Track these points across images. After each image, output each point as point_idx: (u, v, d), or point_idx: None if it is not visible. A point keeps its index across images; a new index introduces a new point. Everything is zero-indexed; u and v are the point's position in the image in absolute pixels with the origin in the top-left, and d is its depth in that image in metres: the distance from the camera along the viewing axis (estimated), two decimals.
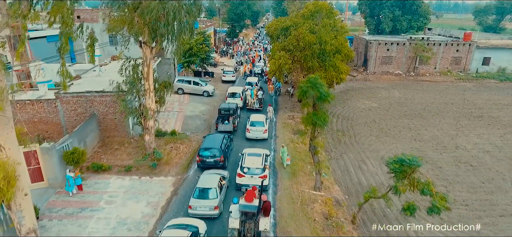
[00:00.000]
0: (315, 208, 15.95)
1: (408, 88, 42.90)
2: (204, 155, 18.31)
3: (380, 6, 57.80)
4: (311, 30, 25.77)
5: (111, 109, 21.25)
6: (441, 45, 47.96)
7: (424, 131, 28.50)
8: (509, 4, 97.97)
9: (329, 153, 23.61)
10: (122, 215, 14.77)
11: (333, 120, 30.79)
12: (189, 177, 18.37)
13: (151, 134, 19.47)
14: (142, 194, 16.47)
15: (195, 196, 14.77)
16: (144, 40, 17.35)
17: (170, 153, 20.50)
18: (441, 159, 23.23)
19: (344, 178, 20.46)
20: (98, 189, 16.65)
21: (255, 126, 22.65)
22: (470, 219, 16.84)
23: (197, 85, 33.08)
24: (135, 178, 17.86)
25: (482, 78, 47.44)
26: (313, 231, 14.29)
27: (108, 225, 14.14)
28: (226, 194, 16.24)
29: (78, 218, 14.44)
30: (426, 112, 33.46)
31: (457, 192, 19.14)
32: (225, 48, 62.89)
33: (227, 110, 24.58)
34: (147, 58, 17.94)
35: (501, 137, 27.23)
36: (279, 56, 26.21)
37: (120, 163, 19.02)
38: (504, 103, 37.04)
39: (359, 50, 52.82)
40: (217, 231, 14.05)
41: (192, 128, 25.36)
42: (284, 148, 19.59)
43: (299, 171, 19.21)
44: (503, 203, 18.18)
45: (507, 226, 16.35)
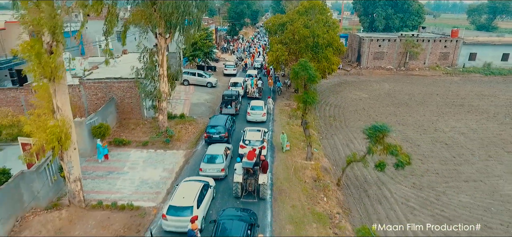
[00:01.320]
0: (306, 173, 18.80)
1: (398, 82, 45.81)
2: (211, 132, 21.15)
3: (373, 5, 60.71)
4: (305, 25, 28.65)
5: (128, 94, 24.08)
6: (429, 41, 50.89)
7: (408, 117, 31.41)
8: (500, 4, 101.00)
9: (321, 134, 26.50)
10: (143, 177, 17.61)
11: (326, 108, 33.72)
12: (198, 150, 21.20)
13: (164, 115, 22.31)
14: (158, 163, 19.30)
15: (205, 161, 17.61)
16: (160, 31, 20.19)
17: (180, 131, 23.33)
18: (420, 139, 26.14)
19: (333, 153, 23.36)
20: (121, 159, 19.48)
21: (255, 110, 25.51)
22: (438, 183, 19.72)
23: (201, 77, 35.92)
24: (151, 151, 20.70)
25: (468, 73, 50.39)
26: (304, 189, 17.13)
27: (132, 184, 16.98)
28: (230, 162, 19.06)
29: (107, 179, 17.27)
30: (412, 101, 36.38)
31: (430, 164, 22.03)
32: (226, 45, 65.73)
33: (230, 96, 27.43)
34: (161, 47, 20.79)
35: (477, 122, 30.14)
36: (277, 49, 29.09)
37: (137, 139, 21.85)
38: (485, 94, 39.97)
39: (353, 46, 55.74)
40: (223, 188, 16.89)
41: (198, 113, 28.16)
42: (284, 135, 21.58)
43: (294, 147, 22.00)
44: (468, 172, 21.07)
45: (468, 188, 19.22)
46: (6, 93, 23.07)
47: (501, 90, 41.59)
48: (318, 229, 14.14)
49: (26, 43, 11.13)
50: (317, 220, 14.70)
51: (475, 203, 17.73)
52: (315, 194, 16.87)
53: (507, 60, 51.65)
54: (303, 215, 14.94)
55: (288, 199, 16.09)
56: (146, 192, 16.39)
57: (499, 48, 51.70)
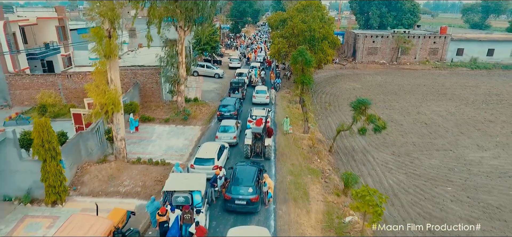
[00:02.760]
0: (303, 142, 22.54)
1: (389, 75, 49.61)
2: (222, 110, 24.91)
3: (368, 4, 64.46)
4: (303, 21, 32.39)
5: (149, 80, 27.85)
6: (420, 37, 54.70)
7: (395, 103, 35.20)
8: (493, 3, 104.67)
9: (317, 116, 30.25)
10: (169, 144, 21.35)
11: (323, 96, 37.51)
12: (211, 126, 24.94)
13: (182, 96, 26.08)
14: (179, 134, 23.04)
15: (220, 131, 21.35)
16: (180, 25, 23.94)
17: (195, 111, 27.07)
18: (403, 120, 29.92)
19: (327, 130, 27.14)
20: (148, 131, 23.23)
21: (259, 93, 29.29)
22: (414, 152, 23.48)
23: (209, 69, 39.72)
24: (172, 126, 24.44)
25: (456, 67, 54.21)
26: (301, 153, 20.85)
27: (160, 148, 20.73)
28: (240, 133, 22.79)
29: (139, 145, 21.02)
30: (400, 91, 40.18)
31: (409, 138, 25.82)
32: (229, 42, 69.49)
33: (237, 83, 31.19)
34: (181, 38, 24.54)
35: (456, 107, 33.92)
36: (278, 42, 32.85)
37: (159, 117, 25.61)
38: (468, 85, 43.79)
39: (349, 42, 59.52)
40: (235, 152, 20.63)
41: (208, 98, 31.89)
42: (286, 119, 24.46)
43: (293, 124, 25.71)
44: (440, 143, 24.86)
45: (438, 155, 22.99)
46: (46, 78, 26.84)
47: (483, 82, 45.37)
48: (312, 179, 17.88)
49: (93, 29, 14.87)
50: (311, 173, 18.44)
51: (442, 165, 21.51)
52: (310, 156, 20.62)
53: (492, 55, 55.43)
54: (300, 170, 18.69)
55: (288, 159, 19.83)
56: (173, 154, 20.12)
57: (484, 44, 55.49)
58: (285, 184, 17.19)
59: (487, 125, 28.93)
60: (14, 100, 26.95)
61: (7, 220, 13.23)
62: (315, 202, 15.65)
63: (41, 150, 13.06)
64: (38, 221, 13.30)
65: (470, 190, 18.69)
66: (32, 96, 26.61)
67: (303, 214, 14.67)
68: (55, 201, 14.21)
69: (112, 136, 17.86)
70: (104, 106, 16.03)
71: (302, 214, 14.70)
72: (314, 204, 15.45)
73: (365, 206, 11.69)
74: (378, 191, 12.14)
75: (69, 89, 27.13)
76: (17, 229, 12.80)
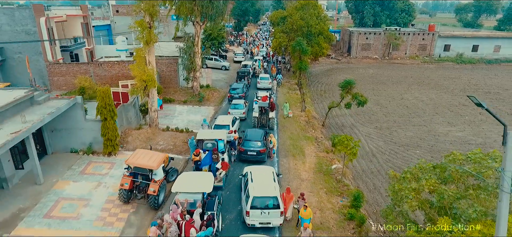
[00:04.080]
0: (300, 118, 27.00)
1: (381, 68, 54.05)
2: (232, 92, 29.34)
3: (363, 4, 68.91)
4: (301, 18, 36.83)
5: (168, 68, 32.25)
6: (410, 34, 59.16)
7: (383, 91, 39.67)
8: (484, 3, 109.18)
9: (313, 101, 34.71)
10: (189, 119, 25.78)
11: (319, 86, 41.98)
12: (223, 106, 29.38)
13: (197, 82, 30.52)
14: (197, 112, 27.48)
15: (231, 108, 25.77)
16: (197, 20, 28.38)
17: (208, 95, 31.53)
18: (388, 104, 34.40)
19: (321, 111, 31.60)
20: (170, 109, 27.66)
21: (263, 79, 33.80)
22: (394, 126, 27.91)
23: (217, 61, 44.16)
24: (190, 106, 28.88)
25: (443, 61, 58.66)
26: (298, 126, 25.28)
27: (183, 121, 25.16)
28: (248, 110, 27.23)
29: (165, 119, 25.42)
30: (389, 81, 44.64)
31: (391, 117, 30.29)
32: (232, 39, 73.92)
33: (243, 72, 35.63)
34: (197, 32, 28.99)
35: (436, 94, 38.40)
36: (279, 36, 37.30)
37: (178, 99, 30.05)
38: (451, 77, 48.23)
39: (344, 39, 63.97)
40: (244, 125, 25.06)
41: (218, 86, 36.34)
42: (286, 104, 28.70)
43: (292, 106, 30.16)
44: (416, 121, 29.34)
45: (413, 129, 27.44)
46: (80, 66, 31.26)
47: (466, 75, 49.84)
48: (307, 142, 22.31)
49: (138, 22, 19.29)
50: (306, 139, 22.88)
51: (415, 136, 25.98)
52: (306, 128, 25.08)
53: (476, 50, 59.88)
54: (297, 137, 23.14)
55: (288, 130, 24.28)
56: (193, 126, 24.54)
57: (470, 41, 59.96)
58: (285, 146, 21.63)
59: (460, 108, 33.40)
60: (53, 85, 31.34)
61: (78, 164, 17.66)
62: (309, 156, 20.11)
63: (104, 111, 17.50)
64: (101, 165, 17.74)
65: (434, 152, 23.15)
66: (68, 82, 31.01)
67: (299, 164, 19.12)
68: (110, 152, 18.64)
69: (147, 108, 22.32)
70: (144, 82, 20.47)
71: (298, 164, 19.15)
72: (308, 158, 19.90)
73: (344, 148, 16.12)
74: (353, 138, 16.60)
75: (99, 75, 31.51)
76: (87, 169, 17.25)
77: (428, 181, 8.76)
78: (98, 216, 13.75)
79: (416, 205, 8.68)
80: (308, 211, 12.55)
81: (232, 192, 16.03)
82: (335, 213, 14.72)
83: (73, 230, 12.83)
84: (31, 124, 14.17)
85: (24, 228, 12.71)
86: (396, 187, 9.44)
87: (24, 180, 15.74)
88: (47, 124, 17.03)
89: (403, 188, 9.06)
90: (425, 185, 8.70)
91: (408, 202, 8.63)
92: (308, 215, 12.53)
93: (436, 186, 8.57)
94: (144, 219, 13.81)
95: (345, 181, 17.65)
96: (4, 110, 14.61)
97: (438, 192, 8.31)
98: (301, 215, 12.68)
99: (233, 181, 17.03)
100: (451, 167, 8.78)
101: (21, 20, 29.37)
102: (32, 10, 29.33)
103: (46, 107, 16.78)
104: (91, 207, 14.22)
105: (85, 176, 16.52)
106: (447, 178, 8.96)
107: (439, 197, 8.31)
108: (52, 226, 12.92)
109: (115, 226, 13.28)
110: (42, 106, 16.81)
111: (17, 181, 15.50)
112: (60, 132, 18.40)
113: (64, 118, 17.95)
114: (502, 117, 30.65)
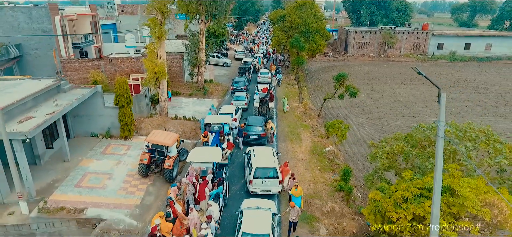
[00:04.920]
0: (298, 109, 29.14)
1: (376, 66, 56.24)
2: (235, 85, 31.50)
3: (359, 4, 71.09)
4: (299, 17, 38.98)
5: (174, 64, 34.33)
6: (404, 33, 61.34)
7: (377, 86, 41.83)
8: (480, 3, 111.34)
9: (310, 95, 36.85)
10: (195, 109, 27.89)
11: (316, 81, 44.13)
12: (226, 99, 31.50)
13: (202, 76, 32.64)
14: (202, 104, 29.59)
15: (234, 99, 27.92)
16: (202, 18, 30.50)
17: (212, 89, 33.65)
18: (381, 97, 36.57)
19: (317, 103, 33.74)
20: (178, 101, 29.77)
21: (263, 74, 35.91)
22: (384, 117, 30.04)
23: (219, 58, 46.30)
24: (195, 98, 31.00)
25: (436, 59, 60.85)
26: (296, 116, 27.42)
27: (189, 111, 27.26)
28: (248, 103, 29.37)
29: (173, 109, 27.50)
30: (383, 77, 46.82)
31: (383, 109, 32.46)
32: (233, 38, 76.06)
33: (244, 68, 37.82)
34: (202, 29, 31.11)
35: (427, 89, 40.55)
36: (278, 34, 39.46)
37: (184, 92, 32.17)
38: (443, 73, 50.43)
39: (342, 38, 66.14)
40: (246, 114, 27.19)
41: (220, 81, 38.49)
42: (285, 99, 31.33)
43: (290, 99, 32.32)
44: (406, 112, 31.52)
45: (403, 119, 29.59)
46: (92, 61, 33.35)
47: (457, 71, 52.04)
48: (304, 130, 24.44)
49: (151, 19, 21.41)
50: (303, 127, 25.02)
51: (403, 125, 28.14)
52: (303, 118, 27.24)
53: (469, 49, 62.08)
54: (295, 124, 25.28)
55: (286, 119, 26.42)
56: (199, 115, 26.65)
57: (462, 39, 62.17)
58: (284, 132, 23.77)
59: (449, 102, 35.48)
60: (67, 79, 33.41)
61: (98, 146, 19.77)
62: (305, 141, 22.25)
63: (121, 98, 19.62)
64: (119, 147, 19.85)
65: None
66: (80, 76, 33.07)
67: (296, 147, 21.26)
68: (126, 136, 20.75)
69: (158, 98, 24.45)
70: (155, 74, 22.59)
71: (295, 147, 21.29)
72: (304, 142, 22.05)
73: (335, 130, 18.26)
74: (344, 121, 18.74)
75: (109, 70, 33.59)
76: (107, 149, 19.36)
77: (398, 145, 10.87)
78: (120, 186, 15.88)
79: (388, 163, 10.80)
80: (299, 190, 13.55)
81: (236, 169, 18.15)
82: (327, 186, 16.86)
83: (101, 197, 14.96)
84: (62, 107, 16.29)
85: (59, 194, 14.84)
86: (373, 152, 11.56)
87: (53, 157, 17.86)
88: (71, 111, 19.10)
89: (379, 152, 11.17)
90: (396, 148, 10.82)
91: (381, 161, 10.75)
92: (299, 193, 13.49)
93: (404, 148, 10.69)
94: (161, 189, 15.93)
95: (337, 161, 19.80)
96: (38, 95, 16.72)
97: (405, 152, 10.43)
98: (293, 194, 13.56)
99: (236, 160, 19.15)
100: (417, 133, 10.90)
101: (38, 18, 31.46)
102: (48, 9, 31.43)
103: (71, 94, 18.89)
104: (114, 180, 16.34)
105: (106, 156, 18.64)
106: (414, 144, 11.07)
107: (405, 156, 10.43)
108: (83, 194, 15.04)
109: (136, 194, 15.40)
110: (68, 94, 18.92)
111: (47, 158, 17.61)
112: (82, 118, 20.51)
113: (86, 105, 20.04)
114: (486, 109, 33.01)
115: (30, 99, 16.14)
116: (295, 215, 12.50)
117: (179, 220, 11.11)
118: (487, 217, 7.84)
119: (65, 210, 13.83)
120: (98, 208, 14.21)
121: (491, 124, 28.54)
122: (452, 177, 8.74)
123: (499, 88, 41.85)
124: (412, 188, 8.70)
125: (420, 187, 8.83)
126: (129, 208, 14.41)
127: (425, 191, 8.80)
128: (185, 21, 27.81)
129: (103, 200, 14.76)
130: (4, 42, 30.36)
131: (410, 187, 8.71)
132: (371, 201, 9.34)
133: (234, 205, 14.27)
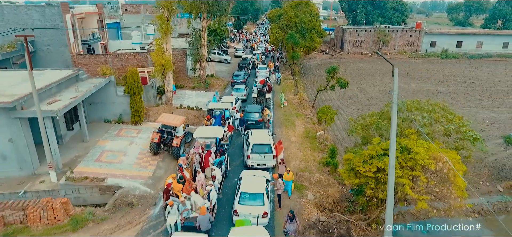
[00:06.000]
0: (293, 100, 31.36)
1: (371, 63, 58.41)
2: (235, 78, 33.73)
3: (355, 3, 73.32)
4: (296, 15, 41.23)
5: (177, 59, 36.52)
6: (398, 31, 63.58)
7: (369, 81, 44.06)
8: (475, 3, 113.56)
9: (306, 89, 39.08)
10: (198, 100, 30.13)
11: (312, 77, 46.34)
12: (226, 91, 33.73)
13: (203, 70, 34.87)
14: (204, 96, 31.81)
15: (234, 91, 30.16)
16: (204, 16, 32.73)
17: (213, 82, 35.89)
18: (372, 91, 38.79)
19: (312, 96, 35.96)
20: (181, 93, 31.99)
21: (261, 69, 38.18)
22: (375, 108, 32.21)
23: (220, 55, 48.56)
24: (198, 91, 33.23)
25: (429, 57, 63.06)
26: (291, 106, 29.62)
27: (192, 102, 29.50)
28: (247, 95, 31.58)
29: (178, 100, 29.71)
30: (376, 73, 49.04)
31: (373, 101, 34.69)
32: (233, 36, 78.31)
33: (243, 63, 40.06)
34: (204, 26, 33.35)
35: (417, 84, 42.81)
36: (276, 32, 41.71)
37: (187, 85, 34.40)
38: (434, 70, 52.64)
39: (338, 36, 68.37)
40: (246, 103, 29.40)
41: (221, 76, 40.72)
42: (282, 94, 33.53)
43: (286, 91, 34.53)
44: None
45: None
46: (100, 57, 35.59)
47: (448, 68, 54.27)
48: (298, 118, 26.66)
49: (158, 16, 23.64)
50: (297, 115, 27.25)
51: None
52: (298, 108, 29.47)
53: (460, 47, 64.32)
54: (290, 113, 27.50)
55: (282, 109, 28.63)
56: (201, 106, 28.92)
57: (454, 37, 64.43)
58: (280, 120, 26.00)
59: (436, 95, 37.80)
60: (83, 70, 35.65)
61: (112, 130, 21.98)
62: (299, 127, 24.48)
63: (133, 87, 21.83)
64: (130, 131, 22.07)
65: None
66: (90, 71, 35.20)
67: (290, 132, 23.49)
68: (136, 122, 22.97)
69: (164, 89, 26.67)
70: (162, 67, 24.82)
71: (289, 131, 23.51)
72: (298, 128, 24.28)
73: (324, 115, 20.48)
74: (332, 107, 20.97)
75: (117, 65, 35.82)
76: (120, 133, 21.58)
77: (371, 119, 13.09)
78: (134, 162, 18.11)
79: (362, 133, 13.01)
80: (291, 174, 14.75)
81: (236, 149, 20.37)
82: (316, 162, 19.10)
83: (118, 170, 17.18)
84: (83, 93, 18.51)
85: (82, 167, 17.07)
86: (351, 125, 13.77)
87: (73, 138, 20.10)
88: (87, 98, 21.31)
89: (356, 125, 13.38)
90: (369, 121, 13.03)
91: (356, 131, 12.96)
92: (290, 178, 14.67)
93: (377, 121, 12.90)
94: (169, 164, 18.16)
95: (326, 143, 22.03)
96: (61, 82, 18.94)
97: (376, 124, 12.64)
98: (285, 179, 14.53)
99: (236, 142, 21.37)
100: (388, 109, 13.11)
101: (50, 16, 33.65)
102: (59, 8, 33.63)
103: (88, 83, 21.11)
104: (128, 157, 18.56)
105: (119, 137, 20.87)
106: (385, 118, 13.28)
107: (377, 128, 12.65)
108: (102, 167, 17.27)
109: (148, 168, 17.64)
110: (85, 82, 21.13)
111: (68, 139, 19.84)
112: (96, 105, 22.72)
113: (100, 94, 22.24)
114: (471, 102, 35.31)
115: (55, 85, 18.35)
116: (278, 188, 14.34)
117: (188, 182, 13.33)
118: (432, 166, 10.04)
119: (88, 179, 16.06)
120: (116, 178, 16.44)
121: (473, 114, 30.98)
122: (409, 140, 10.95)
123: (485, 82, 44.09)
124: (377, 148, 10.89)
125: (384, 147, 11.02)
126: (143, 179, 16.64)
127: (387, 151, 10.99)
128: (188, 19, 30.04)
129: (120, 172, 16.98)
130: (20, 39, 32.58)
131: (375, 148, 10.90)
132: (345, 160, 11.54)
133: (234, 177, 16.50)
